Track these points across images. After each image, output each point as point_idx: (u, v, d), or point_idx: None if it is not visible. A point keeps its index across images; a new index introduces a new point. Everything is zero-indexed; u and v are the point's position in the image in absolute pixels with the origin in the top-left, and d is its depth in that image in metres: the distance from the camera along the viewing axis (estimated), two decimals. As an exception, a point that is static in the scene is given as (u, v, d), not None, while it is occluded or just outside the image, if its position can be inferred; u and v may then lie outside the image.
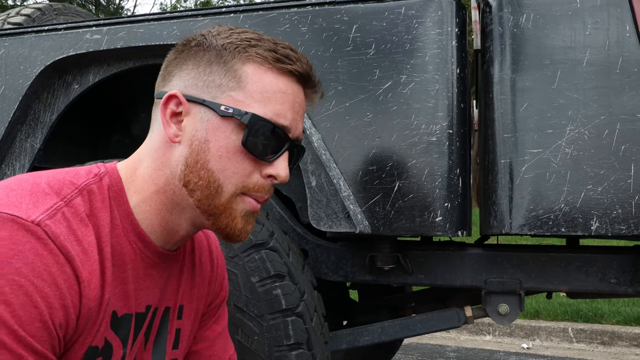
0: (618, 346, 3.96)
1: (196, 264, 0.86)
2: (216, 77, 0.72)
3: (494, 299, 1.49)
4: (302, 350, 1.30)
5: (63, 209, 0.66)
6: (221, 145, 0.71)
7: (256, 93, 0.72)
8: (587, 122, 1.32)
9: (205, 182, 0.71)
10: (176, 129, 0.73)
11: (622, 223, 1.28)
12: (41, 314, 0.60)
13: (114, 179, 0.73)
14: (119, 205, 0.72)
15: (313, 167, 1.44)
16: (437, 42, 1.39)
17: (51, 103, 1.75)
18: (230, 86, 0.72)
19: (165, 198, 0.73)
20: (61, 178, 0.70)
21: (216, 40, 0.73)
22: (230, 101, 0.71)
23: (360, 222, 1.38)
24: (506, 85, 1.38)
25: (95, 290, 0.67)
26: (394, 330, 1.55)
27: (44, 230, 0.63)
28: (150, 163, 0.74)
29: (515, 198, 1.34)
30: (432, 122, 1.38)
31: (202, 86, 0.72)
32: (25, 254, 0.61)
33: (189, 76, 0.73)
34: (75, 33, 1.66)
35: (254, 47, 0.72)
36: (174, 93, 0.72)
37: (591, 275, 1.46)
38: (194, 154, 0.71)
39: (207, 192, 0.72)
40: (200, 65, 0.73)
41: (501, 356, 3.71)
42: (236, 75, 0.72)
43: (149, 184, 0.73)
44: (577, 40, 1.35)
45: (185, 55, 0.75)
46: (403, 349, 3.75)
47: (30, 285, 0.60)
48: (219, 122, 0.71)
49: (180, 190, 0.73)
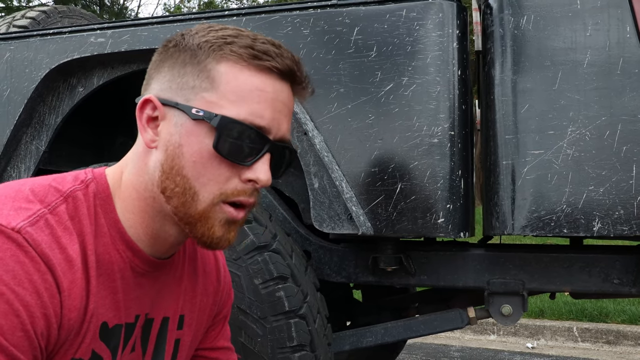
0: (623, 345, 3.95)
1: (199, 273, 0.84)
2: (189, 79, 0.69)
3: (496, 300, 1.49)
4: (305, 351, 1.31)
5: (46, 216, 0.65)
6: (194, 150, 0.68)
7: (230, 93, 0.68)
8: (589, 123, 1.32)
9: (181, 189, 0.68)
10: (152, 134, 0.70)
11: (624, 224, 1.28)
12: (22, 323, 0.59)
13: (101, 185, 0.72)
14: (105, 212, 0.70)
15: (315, 169, 1.45)
16: (438, 44, 1.40)
17: (56, 106, 1.76)
18: (203, 87, 0.68)
19: (146, 205, 0.71)
20: (46, 185, 0.69)
21: (193, 39, 0.70)
22: (202, 103, 0.68)
23: (363, 223, 1.39)
24: (507, 86, 1.38)
25: (77, 300, 0.65)
26: (397, 331, 1.56)
27: (24, 238, 0.61)
28: (132, 169, 0.72)
29: (517, 199, 1.35)
30: (434, 124, 1.38)
31: (176, 89, 0.69)
32: (6, 260, 0.59)
33: (165, 79, 0.71)
34: (79, 36, 1.68)
35: (229, 45, 0.69)
36: (148, 97, 0.70)
37: (594, 276, 1.46)
38: (169, 159, 0.69)
39: (183, 200, 0.68)
40: (175, 67, 0.70)
41: (506, 356, 3.71)
42: (209, 75, 0.68)
43: (130, 190, 0.72)
44: (578, 42, 1.35)
45: (162, 57, 0.72)
46: (407, 349, 3.75)
47: (11, 294, 0.58)
48: (192, 126, 0.68)
49: (159, 196, 0.70)
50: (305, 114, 1.46)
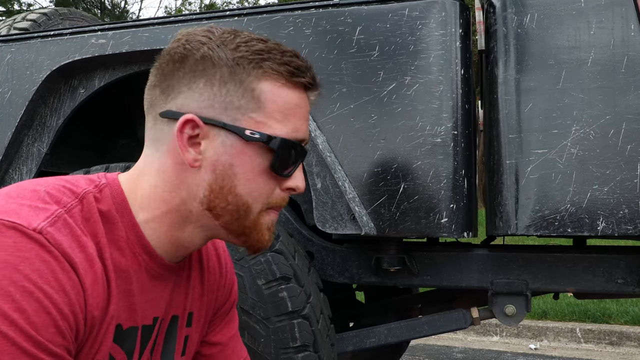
0: (626, 346, 3.93)
1: (204, 270, 0.85)
2: (234, 98, 0.70)
3: (500, 300, 1.48)
4: (309, 352, 1.30)
5: (64, 216, 0.65)
6: (247, 169, 0.71)
7: (276, 113, 0.71)
8: (593, 122, 1.32)
9: (234, 206, 0.71)
10: (195, 154, 0.70)
11: (629, 223, 1.28)
12: (54, 320, 0.60)
13: (116, 190, 0.72)
14: (122, 216, 0.71)
15: (318, 169, 1.44)
16: (441, 43, 1.39)
17: (57, 108, 1.76)
18: (251, 107, 0.70)
19: (178, 217, 0.72)
20: (60, 186, 0.69)
21: (224, 52, 0.70)
22: (252, 124, 0.70)
23: (366, 224, 1.38)
24: (511, 85, 1.37)
25: (99, 299, 0.66)
26: (400, 332, 1.55)
27: (46, 238, 0.62)
28: (160, 183, 0.72)
29: (521, 199, 1.34)
30: (437, 124, 1.38)
31: (219, 108, 0.70)
32: (32, 260, 0.60)
33: (203, 96, 0.70)
34: (80, 38, 1.67)
35: (267, 61, 0.70)
36: (191, 118, 0.69)
37: (598, 276, 1.45)
38: (219, 179, 0.70)
39: (237, 215, 0.72)
40: (214, 84, 0.70)
41: (508, 357, 3.70)
42: (254, 95, 0.70)
43: (159, 203, 0.72)
44: (582, 40, 1.34)
45: (190, 69, 0.71)
46: (410, 350, 3.74)
47: (40, 292, 0.59)
48: (244, 147, 0.70)
49: (201, 212, 0.72)
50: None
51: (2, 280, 0.58)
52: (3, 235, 0.60)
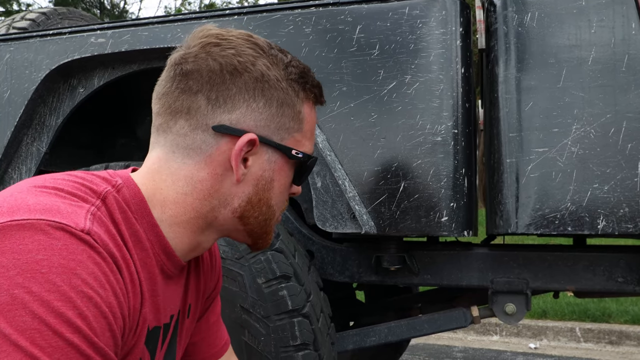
0: (626, 345, 3.93)
1: (199, 261, 0.86)
2: (287, 120, 0.74)
3: (500, 299, 1.48)
4: (309, 350, 1.30)
5: (97, 214, 0.64)
6: (282, 183, 0.76)
7: (308, 132, 0.77)
8: (593, 120, 1.32)
9: (265, 216, 0.76)
10: (243, 169, 0.73)
11: (629, 222, 1.27)
12: (109, 324, 0.59)
13: (133, 191, 0.71)
14: (142, 217, 0.70)
15: (318, 168, 1.44)
16: (441, 41, 1.39)
17: (57, 107, 1.75)
18: (295, 128, 0.75)
19: (204, 223, 0.74)
20: (79, 184, 0.67)
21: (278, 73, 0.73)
22: (293, 142, 0.75)
23: (366, 222, 1.38)
24: (511, 84, 1.37)
25: (136, 301, 0.65)
26: (400, 331, 1.55)
27: (94, 239, 0.60)
28: (192, 191, 0.72)
29: (521, 197, 1.34)
30: (437, 122, 1.38)
31: (274, 128, 0.73)
32: (86, 263, 0.58)
33: (262, 116, 0.72)
34: (80, 37, 1.67)
35: (307, 84, 0.76)
36: (255, 138, 0.71)
37: (598, 275, 1.45)
38: (260, 193, 0.74)
39: (264, 223, 0.77)
40: (272, 105, 0.73)
41: (508, 356, 3.70)
42: (299, 117, 0.75)
43: (187, 210, 0.72)
44: (583, 39, 1.34)
45: (247, 86, 0.71)
46: (410, 350, 3.74)
47: (98, 297, 0.58)
48: (284, 163, 0.75)
49: (229, 219, 0.74)
50: (307, 112, 1.45)
51: (62, 285, 0.56)
52: (52, 237, 0.58)
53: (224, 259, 1.33)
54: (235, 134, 0.71)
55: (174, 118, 0.72)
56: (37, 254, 0.56)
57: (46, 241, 0.57)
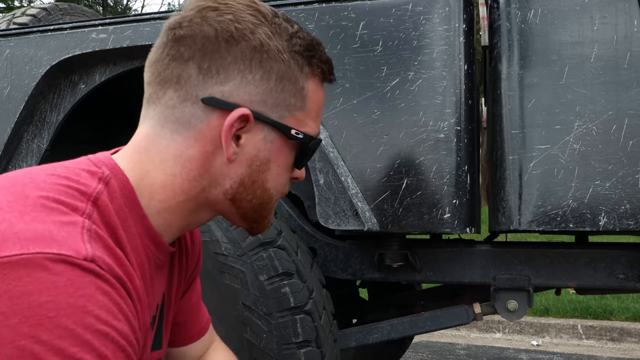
0: (627, 342, 3.94)
1: (181, 243, 0.82)
2: (287, 96, 0.67)
3: (502, 296, 1.48)
4: (311, 347, 1.30)
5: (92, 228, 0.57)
6: (280, 164, 0.69)
7: (312, 111, 0.70)
8: (595, 117, 1.31)
9: (260, 199, 0.70)
10: (235, 147, 0.66)
11: (631, 218, 1.27)
12: (127, 355, 0.55)
13: (122, 181, 0.65)
14: (131, 210, 0.65)
15: (321, 165, 1.44)
16: (444, 38, 1.39)
17: (57, 103, 1.75)
18: (298, 106, 0.68)
19: (194, 205, 0.69)
20: (64, 187, 0.60)
21: (280, 44, 0.66)
22: (294, 122, 0.68)
23: (369, 219, 1.38)
24: (514, 81, 1.37)
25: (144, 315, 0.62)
26: (403, 328, 1.55)
27: (99, 266, 0.54)
28: (181, 171, 0.66)
29: (524, 194, 1.34)
30: (440, 119, 1.37)
31: (271, 104, 0.66)
32: (95, 296, 0.52)
33: (258, 89, 0.65)
34: (81, 32, 1.67)
35: (314, 58, 0.68)
36: (248, 113, 0.64)
37: (599, 271, 1.45)
38: (254, 174, 0.68)
39: (259, 207, 0.71)
40: (271, 79, 0.66)
41: (511, 353, 3.70)
42: (303, 94, 0.68)
43: (176, 193, 0.67)
44: (585, 36, 1.34)
45: (244, 56, 0.65)
46: (413, 347, 3.74)
47: (113, 331, 0.53)
48: (283, 144, 0.68)
49: (221, 200, 0.69)
50: (309, 109, 1.45)
51: (75, 328, 0.50)
52: (53, 273, 0.51)
53: (226, 255, 1.33)
54: (227, 108, 0.64)
55: (163, 88, 0.67)
56: (40, 296, 0.49)
57: (48, 279, 0.50)
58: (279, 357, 1.29)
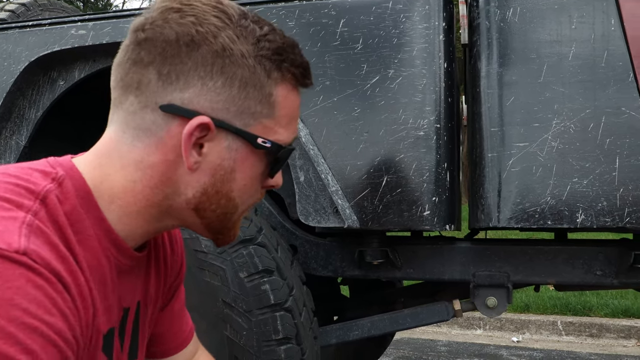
0: (606, 338, 4.00)
1: (158, 247, 0.80)
2: (252, 103, 0.64)
3: (482, 292, 1.50)
4: (291, 344, 1.30)
5: (35, 224, 0.56)
6: (247, 175, 0.66)
7: (283, 118, 0.66)
8: (573, 115, 1.33)
9: (224, 209, 0.67)
10: (196, 156, 0.64)
11: (607, 215, 1.29)
12: (61, 351, 0.53)
13: (78, 182, 0.63)
14: (88, 212, 0.63)
15: (301, 162, 1.44)
16: (424, 36, 1.39)
17: (36, 100, 1.73)
18: (264, 113, 0.65)
19: (157, 212, 0.67)
20: (12, 185, 0.59)
21: (245, 47, 0.63)
22: (261, 129, 0.65)
23: (349, 216, 1.38)
24: (493, 79, 1.38)
25: (88, 314, 0.60)
26: (383, 325, 1.56)
27: (32, 259, 0.53)
28: (142, 178, 0.65)
29: (503, 191, 1.35)
30: (420, 117, 1.38)
31: (234, 112, 0.63)
32: (25, 289, 0.51)
33: (220, 97, 0.63)
34: (60, 28, 1.65)
35: (285, 62, 0.65)
36: (208, 122, 0.62)
37: (577, 268, 1.47)
38: (218, 184, 0.65)
39: (223, 218, 0.68)
40: (233, 85, 0.63)
41: (491, 349, 3.74)
42: (270, 100, 0.64)
43: (137, 199, 0.65)
44: (563, 34, 1.35)
45: (205, 61, 0.62)
46: (394, 344, 3.76)
47: (44, 325, 0.52)
48: (249, 153, 0.65)
49: (184, 209, 0.67)
50: (290, 106, 1.45)
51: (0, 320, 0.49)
52: None
53: (206, 253, 1.32)
54: (186, 116, 0.62)
55: (125, 93, 0.65)
56: None
57: None
58: (259, 354, 1.28)
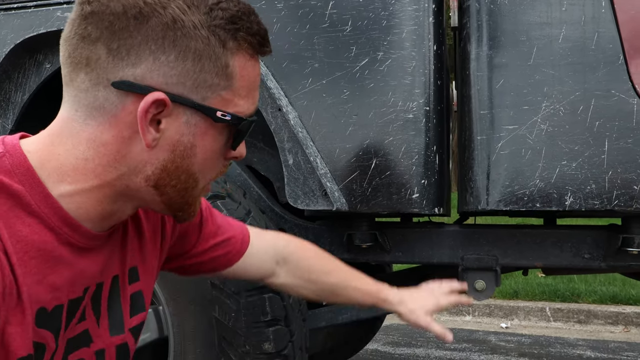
0: (594, 324, 4.04)
1: (141, 220, 0.79)
2: (208, 76, 0.62)
3: (470, 276, 1.50)
4: (280, 326, 1.30)
5: None
6: (208, 149, 0.65)
7: (242, 89, 0.65)
8: (563, 98, 1.33)
9: (184, 184, 0.66)
10: (154, 133, 0.62)
11: (596, 198, 1.30)
12: None
13: (18, 159, 0.62)
14: (31, 188, 0.62)
15: (290, 145, 1.43)
16: (413, 18, 1.38)
17: (22, 83, 1.71)
18: (222, 85, 0.64)
19: (111, 191, 0.65)
20: None
21: (197, 18, 0.61)
22: (219, 102, 0.64)
23: (337, 199, 1.38)
24: (483, 61, 1.38)
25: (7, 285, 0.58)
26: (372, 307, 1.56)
27: None
28: (94, 156, 0.63)
29: (492, 174, 1.35)
30: (409, 99, 1.37)
31: (190, 86, 0.62)
32: None
33: (174, 71, 0.61)
34: (45, 11, 1.62)
35: (241, 31, 0.63)
36: (163, 98, 0.60)
37: (566, 251, 1.48)
38: (178, 159, 0.64)
39: (184, 193, 0.67)
40: (187, 58, 0.61)
41: (480, 335, 3.76)
42: (227, 72, 0.63)
43: (88, 177, 0.64)
44: (554, 16, 1.35)
45: (156, 35, 0.60)
46: (384, 330, 3.78)
47: None
48: (209, 127, 0.64)
49: (143, 188, 0.65)
50: (279, 89, 1.44)
51: None
52: None
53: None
54: (140, 92, 0.60)
55: (75, 70, 0.63)
56: None
57: None
58: (247, 335, 1.28)
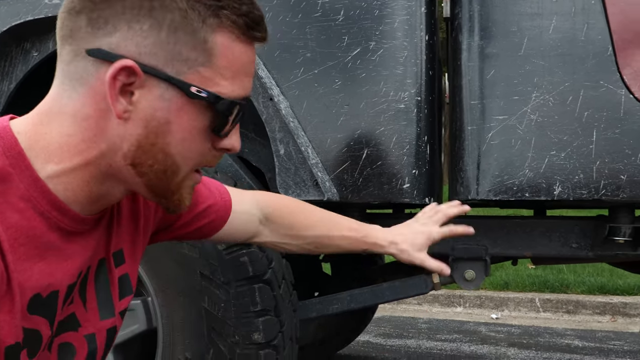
0: (582, 314, 4.09)
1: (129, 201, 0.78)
2: (183, 49, 0.61)
3: (460, 265, 1.51)
4: (270, 316, 1.30)
5: None
6: (185, 128, 0.64)
7: (225, 69, 0.64)
8: (552, 88, 1.33)
9: (162, 166, 0.65)
10: (125, 104, 0.61)
11: (584, 188, 1.31)
12: None
13: (9, 142, 0.62)
14: (20, 171, 0.61)
15: (281, 135, 1.42)
16: (406, 8, 1.38)
17: (9, 71, 1.68)
18: (200, 61, 0.62)
19: (96, 170, 0.64)
20: None
21: None
22: (197, 79, 0.63)
23: (328, 189, 1.38)
24: (474, 52, 1.38)
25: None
26: (362, 298, 1.56)
27: None
28: (76, 131, 0.63)
29: (482, 164, 1.36)
30: (401, 89, 1.37)
31: (164, 57, 0.61)
32: None
33: (147, 41, 0.61)
34: (33, -2, 1.60)
35: (225, 9, 0.62)
36: (131, 65, 0.60)
37: (554, 241, 1.49)
38: (152, 136, 0.63)
39: (163, 176, 0.66)
40: (162, 28, 0.60)
41: (471, 326, 3.79)
42: (206, 47, 0.62)
43: (72, 155, 0.63)
44: (544, 7, 1.35)
45: (133, 4, 0.61)
46: (375, 322, 3.80)
47: None
48: (185, 103, 0.63)
49: (123, 167, 0.65)
50: (270, 79, 1.43)
51: None
52: None
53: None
54: (111, 60, 0.60)
55: (62, 44, 0.64)
56: None
57: None
58: (237, 325, 1.28)
